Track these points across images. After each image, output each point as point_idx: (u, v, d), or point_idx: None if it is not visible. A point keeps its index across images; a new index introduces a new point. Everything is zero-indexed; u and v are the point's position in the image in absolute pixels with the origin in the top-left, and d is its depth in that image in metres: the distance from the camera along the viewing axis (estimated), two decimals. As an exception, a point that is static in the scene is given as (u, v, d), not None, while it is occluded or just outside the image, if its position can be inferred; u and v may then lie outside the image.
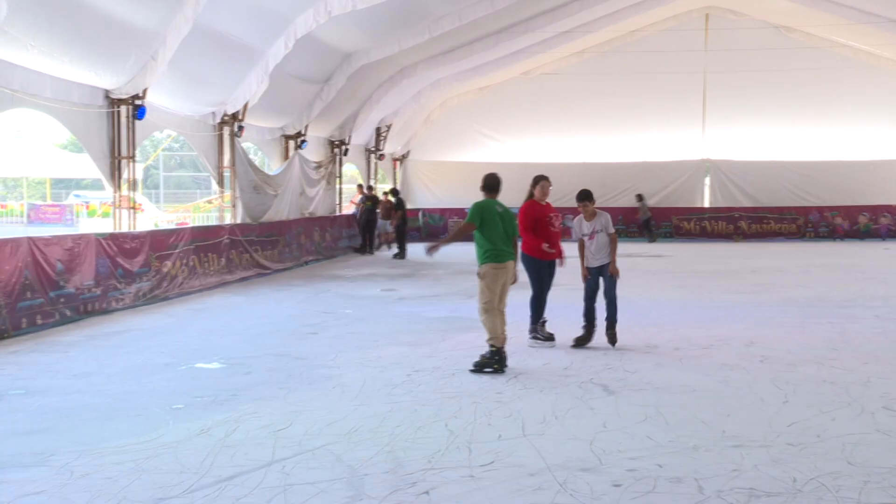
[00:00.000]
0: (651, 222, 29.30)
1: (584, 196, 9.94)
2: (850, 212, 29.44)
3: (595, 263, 9.86)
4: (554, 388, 7.82)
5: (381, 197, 25.67)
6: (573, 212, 10.43)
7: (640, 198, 29.33)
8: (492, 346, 8.53)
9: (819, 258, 22.07)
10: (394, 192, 25.70)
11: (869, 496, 5.01)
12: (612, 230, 9.83)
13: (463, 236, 9.03)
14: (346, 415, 6.89)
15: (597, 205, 10.10)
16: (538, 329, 10.08)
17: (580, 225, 9.92)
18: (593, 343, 9.95)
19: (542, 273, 10.00)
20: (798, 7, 25.09)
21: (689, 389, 7.69)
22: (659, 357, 9.27)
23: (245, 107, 17.35)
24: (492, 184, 8.87)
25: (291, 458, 5.80)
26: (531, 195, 10.06)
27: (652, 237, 29.12)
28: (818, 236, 29.44)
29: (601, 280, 9.89)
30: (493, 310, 8.58)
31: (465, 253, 8.87)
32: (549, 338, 10.02)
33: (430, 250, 9.01)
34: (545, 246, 9.80)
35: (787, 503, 4.91)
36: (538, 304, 10.07)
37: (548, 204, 10.09)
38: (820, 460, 5.65)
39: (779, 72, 28.96)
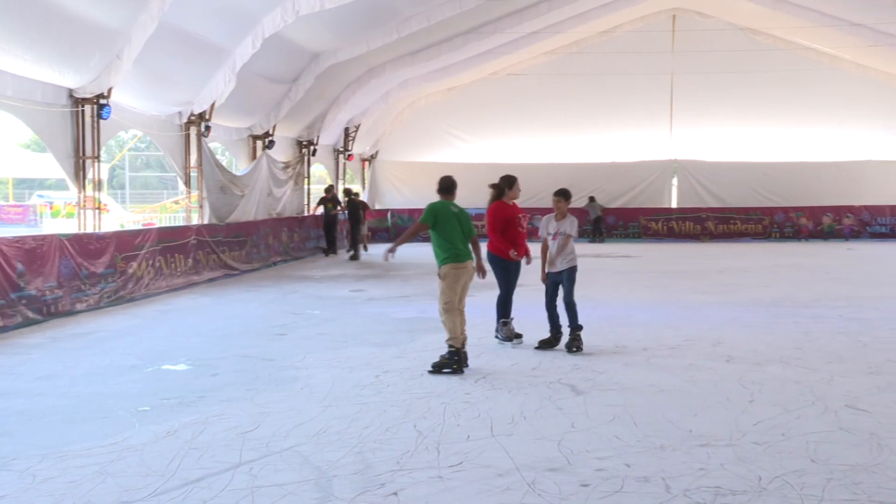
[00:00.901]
0: (601, 223, 29.38)
1: (563, 193, 9.84)
2: (815, 212, 29.80)
3: (555, 269, 9.71)
4: (522, 388, 7.83)
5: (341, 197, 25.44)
6: (540, 212, 10.43)
7: (591, 199, 29.51)
8: (451, 346, 8.54)
9: (784, 258, 22.31)
10: (346, 192, 25.41)
11: (832, 493, 5.06)
12: (575, 234, 9.73)
13: (415, 236, 8.98)
14: (315, 416, 6.85)
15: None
16: (503, 328, 10.09)
17: (548, 223, 9.79)
18: (562, 342, 9.97)
19: (510, 273, 10.01)
20: (762, 9, 25.37)
21: (656, 389, 7.72)
22: (627, 357, 9.31)
23: (212, 106, 17.22)
24: (447, 185, 8.95)
25: (259, 459, 5.75)
26: (498, 196, 10.02)
27: (600, 237, 29.15)
28: (783, 237, 29.77)
29: (560, 286, 9.74)
30: (454, 310, 8.61)
31: (432, 254, 8.84)
32: (517, 336, 10.04)
33: (387, 253, 8.99)
34: (512, 252, 9.79)
35: (752, 501, 4.95)
36: (506, 304, 10.08)
37: (514, 205, 10.11)
38: (784, 458, 5.70)
39: (745, 73, 29.27)
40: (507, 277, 10.03)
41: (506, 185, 10.03)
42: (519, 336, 10.07)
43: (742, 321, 11.80)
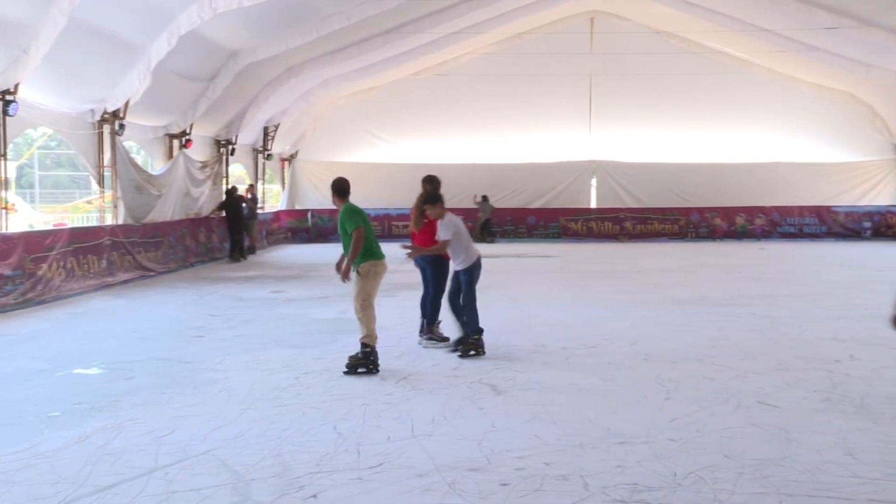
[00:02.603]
0: (490, 224, 29.47)
1: (433, 198, 9.59)
2: (729, 213, 30.56)
3: (458, 269, 9.62)
4: (443, 388, 7.84)
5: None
6: (458, 213, 10.40)
7: (484, 199, 29.36)
8: (366, 344, 8.52)
9: (700, 258, 22.82)
10: (231, 190, 23.92)
11: (743, 487, 5.20)
12: (450, 236, 9.41)
13: (363, 244, 8.81)
14: (233, 419, 6.75)
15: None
16: (434, 330, 10.08)
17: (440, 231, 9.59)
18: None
19: (446, 273, 10.01)
20: (677, 13, 25.92)
21: (576, 388, 7.81)
22: (547, 356, 9.40)
23: (126, 104, 16.81)
24: (347, 187, 9.00)
25: (175, 464, 5.64)
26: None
27: (490, 238, 29.25)
28: (699, 236, 30.44)
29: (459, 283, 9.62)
30: (371, 307, 8.63)
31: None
32: (443, 339, 10.03)
33: (344, 277, 8.73)
34: (415, 250, 9.78)
35: (668, 497, 5.05)
36: (438, 305, 10.05)
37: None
38: (699, 454, 5.82)
39: (661, 76, 29.85)
40: (443, 278, 9.99)
41: (435, 186, 9.95)
42: (446, 339, 10.03)
43: (659, 320, 12.02)
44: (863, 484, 5.24)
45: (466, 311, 9.48)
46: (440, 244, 9.46)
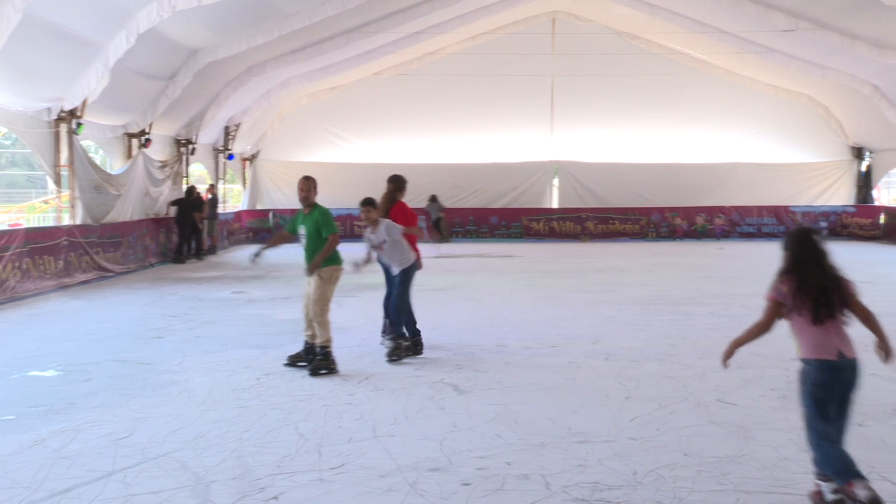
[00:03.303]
0: (441, 223, 29.32)
1: (369, 202, 9.23)
2: (689, 212, 30.85)
3: (392, 273, 9.38)
4: (405, 389, 7.83)
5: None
6: (424, 213, 10.40)
7: (433, 198, 28.70)
8: (324, 346, 8.52)
9: (660, 257, 23.00)
10: (189, 189, 23.50)
11: (701, 484, 5.26)
12: (397, 235, 9.19)
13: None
14: (192, 421, 6.68)
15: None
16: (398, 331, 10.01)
17: (368, 236, 9.29)
18: (443, 343, 10.03)
19: (415, 276, 9.89)
20: (638, 14, 26.13)
21: (537, 388, 7.84)
22: (509, 356, 9.42)
23: (84, 103, 16.58)
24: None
25: (133, 467, 5.57)
26: (395, 197, 9.91)
27: (443, 237, 29.16)
28: (660, 236, 30.69)
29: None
30: (329, 311, 8.66)
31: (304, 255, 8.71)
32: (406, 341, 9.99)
33: (310, 272, 8.70)
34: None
35: (628, 495, 5.08)
36: (409, 308, 9.73)
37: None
38: (659, 453, 5.87)
39: (622, 76, 30.06)
40: (412, 280, 9.89)
41: (394, 186, 9.92)
42: (407, 341, 9.98)
43: (620, 319, 12.10)
44: (819, 480, 5.31)
45: (395, 314, 9.28)
46: (412, 231, 9.38)
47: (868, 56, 22.46)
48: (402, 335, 9.30)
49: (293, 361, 8.84)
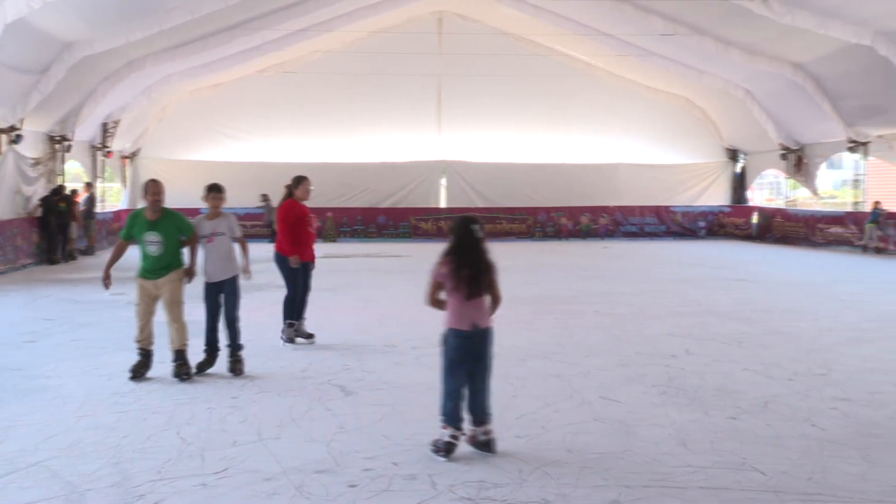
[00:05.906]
0: (275, 224, 28.85)
1: (216, 188, 8.72)
2: (574, 212, 31.46)
3: (217, 278, 8.56)
4: (291, 390, 7.71)
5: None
6: (319, 213, 10.37)
7: (264, 198, 27.73)
8: (183, 350, 8.34)
9: (546, 257, 23.38)
10: (57, 188, 22.42)
11: (584, 480, 5.35)
12: (239, 234, 8.74)
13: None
14: (67, 428, 6.42)
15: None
16: (288, 329, 10.02)
17: (200, 224, 8.59)
18: (332, 342, 9.94)
19: (296, 273, 9.96)
20: (524, 16, 26.51)
21: (425, 388, 7.82)
22: (397, 356, 9.40)
23: (-51, 96, 15.78)
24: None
25: (2, 477, 5.31)
26: (290, 194, 10.02)
27: (328, 238, 28.97)
28: (546, 236, 31.19)
29: (222, 298, 8.63)
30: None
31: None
32: (308, 336, 10.05)
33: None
34: (293, 260, 9.82)
35: (514, 492, 5.13)
36: (294, 304, 10.02)
37: (304, 204, 10.08)
38: (544, 450, 5.95)
39: (509, 77, 30.40)
40: (294, 277, 9.91)
41: (294, 185, 10.03)
42: (310, 336, 10.02)
43: (506, 318, 12.12)
44: (694, 472, 5.49)
45: (235, 326, 8.67)
46: (240, 239, 8.75)
47: (740, 61, 23.41)
48: (241, 346, 8.67)
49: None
